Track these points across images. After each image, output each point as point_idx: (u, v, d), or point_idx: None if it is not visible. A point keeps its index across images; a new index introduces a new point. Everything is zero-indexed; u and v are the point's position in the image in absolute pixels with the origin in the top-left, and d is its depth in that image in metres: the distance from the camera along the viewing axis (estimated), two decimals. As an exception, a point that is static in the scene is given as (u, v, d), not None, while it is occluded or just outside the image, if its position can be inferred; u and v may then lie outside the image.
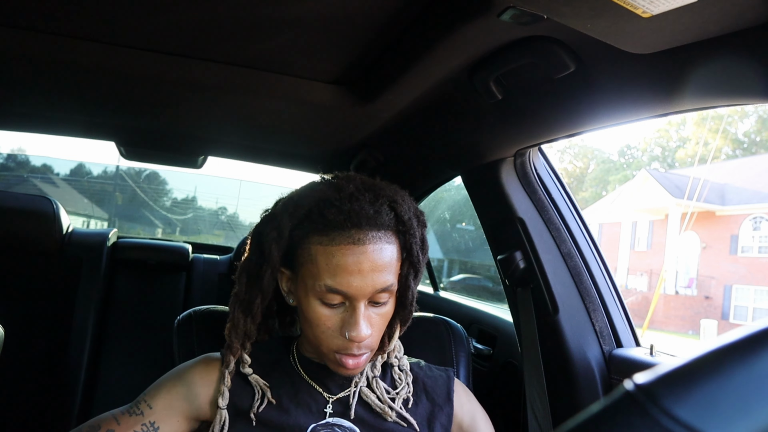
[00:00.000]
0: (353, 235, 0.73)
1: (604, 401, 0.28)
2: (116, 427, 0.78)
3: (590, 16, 0.65)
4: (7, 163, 9.11)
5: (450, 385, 0.91)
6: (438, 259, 8.73)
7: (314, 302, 0.75)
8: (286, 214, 0.77)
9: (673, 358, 0.36)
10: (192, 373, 0.84)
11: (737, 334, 0.28)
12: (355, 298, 0.74)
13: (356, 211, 0.73)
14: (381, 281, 0.74)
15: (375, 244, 0.74)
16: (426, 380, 0.91)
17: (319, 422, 0.81)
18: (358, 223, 0.73)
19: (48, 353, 2.00)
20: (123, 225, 9.29)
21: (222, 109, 1.46)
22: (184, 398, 0.82)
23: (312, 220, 0.75)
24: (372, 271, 0.73)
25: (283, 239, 0.76)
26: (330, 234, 0.73)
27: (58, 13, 1.00)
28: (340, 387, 0.85)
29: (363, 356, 0.77)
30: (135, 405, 0.81)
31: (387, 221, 0.76)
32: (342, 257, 0.72)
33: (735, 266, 16.94)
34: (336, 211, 0.73)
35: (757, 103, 0.73)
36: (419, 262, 0.80)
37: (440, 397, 0.89)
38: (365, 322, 0.74)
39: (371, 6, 0.90)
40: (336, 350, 0.76)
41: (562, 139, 1.10)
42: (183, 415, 0.81)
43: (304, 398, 0.83)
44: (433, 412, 0.88)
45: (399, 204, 0.78)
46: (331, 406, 0.83)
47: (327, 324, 0.75)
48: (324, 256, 0.73)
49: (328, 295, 0.74)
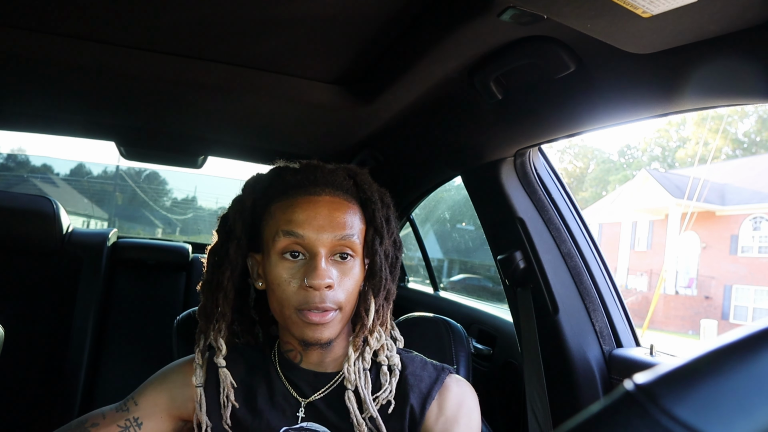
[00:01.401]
0: (309, 189, 0.78)
1: (604, 401, 0.28)
2: (102, 421, 0.81)
3: (590, 16, 0.65)
4: (7, 163, 9.12)
5: (434, 386, 0.81)
6: (438, 259, 8.73)
7: (275, 260, 0.77)
8: (248, 188, 0.84)
9: (673, 358, 0.36)
10: (176, 372, 0.86)
11: (737, 334, 0.28)
12: (314, 245, 0.75)
13: (312, 170, 0.80)
14: (339, 231, 0.76)
15: (332, 198, 0.79)
16: (410, 377, 0.83)
17: (292, 426, 0.80)
18: (314, 181, 0.79)
19: (48, 353, 2.00)
20: (123, 225, 9.29)
21: (222, 109, 1.46)
22: (168, 396, 0.83)
23: (273, 187, 0.82)
24: (329, 219, 0.76)
25: (246, 211, 0.82)
26: (288, 192, 0.79)
27: (58, 13, 1.00)
28: (313, 389, 0.82)
29: (329, 313, 0.75)
30: (124, 402, 0.84)
31: (345, 185, 0.81)
32: (298, 206, 0.77)
33: (735, 266, 16.94)
34: (293, 172, 0.81)
35: (757, 103, 0.73)
36: (383, 228, 0.82)
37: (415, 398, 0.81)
38: (325, 271, 0.74)
39: (371, 6, 0.90)
40: (298, 306, 0.75)
41: (562, 139, 1.10)
42: (167, 413, 0.83)
43: (278, 401, 0.82)
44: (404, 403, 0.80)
45: (358, 175, 0.84)
46: (304, 409, 0.81)
47: (288, 279, 0.76)
48: (281, 209, 0.78)
49: (289, 245, 0.76)
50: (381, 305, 0.83)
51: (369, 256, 0.82)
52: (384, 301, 0.84)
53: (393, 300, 0.88)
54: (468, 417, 0.81)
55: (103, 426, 0.80)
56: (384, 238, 0.83)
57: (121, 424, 0.80)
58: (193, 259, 2.42)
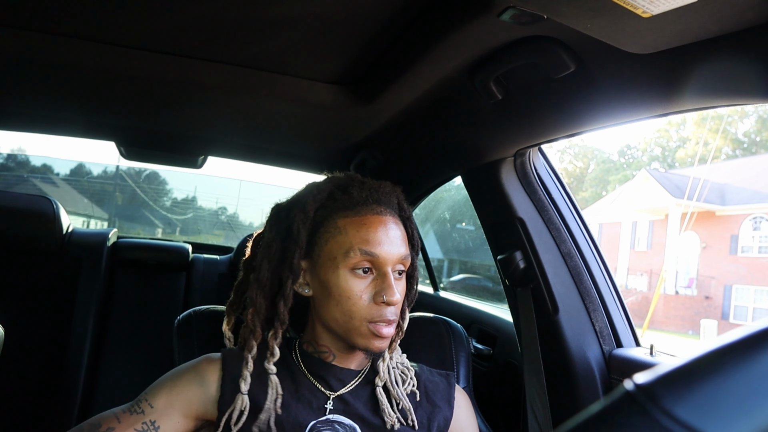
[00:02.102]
0: (376, 209, 0.83)
1: (604, 401, 0.28)
2: (117, 425, 0.79)
3: (590, 16, 0.65)
4: (7, 163, 9.11)
5: (451, 391, 0.93)
6: (438, 259, 8.72)
7: (345, 274, 0.80)
8: (309, 196, 0.84)
9: (673, 358, 0.36)
10: (193, 372, 0.84)
11: (737, 334, 0.28)
12: (385, 263, 0.80)
13: (376, 189, 0.85)
14: (403, 250, 0.83)
15: (392, 218, 0.84)
16: (428, 383, 0.93)
17: (320, 419, 0.82)
18: (378, 200, 0.84)
19: (48, 353, 2.00)
20: (123, 225, 9.29)
21: (222, 109, 1.46)
22: (184, 397, 0.82)
23: (335, 199, 0.84)
24: (396, 239, 0.82)
25: (309, 220, 0.82)
26: (355, 208, 0.82)
27: (58, 13, 1.00)
28: (341, 383, 0.85)
29: (393, 324, 0.81)
30: (136, 403, 0.82)
31: (394, 205, 0.87)
32: (371, 225, 0.81)
33: (735, 266, 16.94)
34: (359, 188, 0.84)
35: (757, 103, 0.73)
36: (417, 245, 0.90)
37: (441, 401, 0.91)
38: (396, 288, 0.80)
39: (371, 6, 0.90)
40: (370, 320, 0.79)
41: (562, 139, 1.10)
42: (183, 415, 0.82)
43: (304, 394, 0.83)
44: (433, 413, 0.89)
45: (398, 193, 0.89)
46: (332, 402, 0.84)
47: (360, 294, 0.80)
48: (353, 226, 0.81)
49: (361, 261, 0.79)
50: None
51: (410, 269, 0.88)
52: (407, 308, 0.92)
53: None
54: (475, 422, 0.96)
55: (119, 430, 0.78)
56: (417, 254, 0.90)
57: (138, 427, 0.78)
58: (193, 259, 2.42)
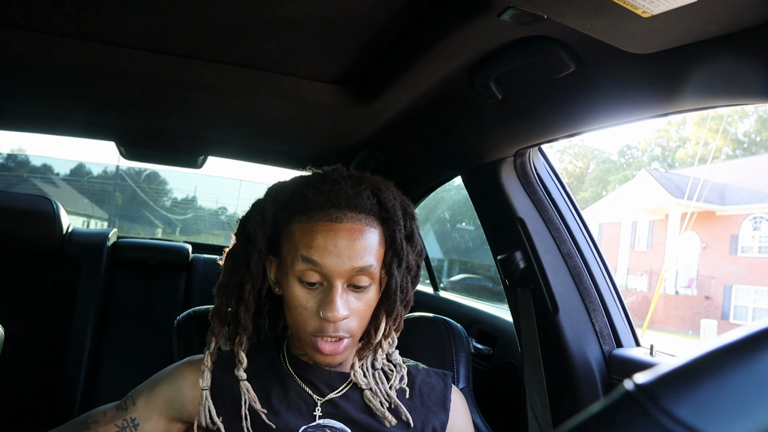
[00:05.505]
0: (331, 214, 0.75)
1: (604, 401, 0.28)
2: (102, 419, 0.82)
3: (590, 16, 0.65)
4: (7, 163, 9.12)
5: (447, 393, 0.91)
6: (438, 259, 8.72)
7: (293, 282, 0.76)
8: (270, 199, 0.81)
9: (673, 358, 0.36)
10: (174, 374, 0.85)
11: (737, 334, 0.28)
12: (331, 276, 0.74)
13: (335, 191, 0.76)
14: (359, 262, 0.74)
15: (353, 224, 0.75)
16: (422, 386, 0.90)
17: (310, 424, 0.81)
18: (336, 203, 0.76)
19: (48, 353, 2.00)
20: (123, 225, 9.29)
21: (222, 109, 1.46)
22: (165, 398, 0.83)
23: (294, 203, 0.79)
24: (349, 249, 0.74)
25: (267, 223, 0.79)
26: (309, 213, 0.76)
27: (58, 13, 1.00)
28: (330, 387, 0.84)
29: (342, 342, 0.76)
30: (124, 400, 0.84)
31: (368, 205, 0.78)
32: (318, 232, 0.74)
33: (735, 266, 16.93)
34: (316, 191, 0.77)
35: (757, 103, 0.73)
36: (402, 250, 0.80)
37: (436, 404, 0.89)
38: (342, 303, 0.74)
39: (371, 6, 0.90)
40: (312, 333, 0.76)
41: (562, 139, 1.10)
42: (164, 415, 0.82)
43: (294, 399, 0.82)
44: (428, 418, 0.87)
45: (382, 191, 0.80)
46: (321, 407, 0.82)
47: (304, 304, 0.76)
48: (301, 232, 0.76)
49: (305, 271, 0.74)
50: (399, 313, 0.84)
51: (386, 276, 0.80)
52: (402, 308, 0.85)
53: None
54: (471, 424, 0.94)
55: (102, 424, 0.81)
56: (403, 260, 0.80)
57: (118, 423, 0.81)
58: (193, 259, 2.41)
